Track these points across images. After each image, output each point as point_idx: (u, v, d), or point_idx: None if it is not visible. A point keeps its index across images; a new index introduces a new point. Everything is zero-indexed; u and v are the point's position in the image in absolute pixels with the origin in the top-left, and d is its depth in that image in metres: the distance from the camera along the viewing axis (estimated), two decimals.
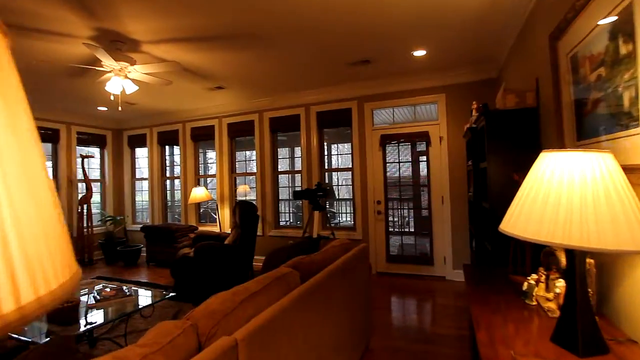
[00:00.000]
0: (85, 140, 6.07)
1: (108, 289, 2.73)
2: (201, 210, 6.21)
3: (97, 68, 3.02)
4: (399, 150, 4.62)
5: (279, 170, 5.42)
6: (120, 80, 3.07)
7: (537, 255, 1.70)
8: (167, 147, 6.37)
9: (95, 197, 6.38)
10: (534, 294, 1.46)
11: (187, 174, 6.00)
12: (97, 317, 2.31)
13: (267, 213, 5.32)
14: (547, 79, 2.07)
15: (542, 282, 1.45)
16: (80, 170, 5.75)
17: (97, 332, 2.92)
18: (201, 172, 6.13)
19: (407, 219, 4.84)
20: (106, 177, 6.48)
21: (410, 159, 4.65)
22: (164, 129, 6.17)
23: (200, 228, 5.90)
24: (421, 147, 4.59)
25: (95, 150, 6.37)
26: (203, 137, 5.83)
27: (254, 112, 5.40)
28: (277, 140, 5.40)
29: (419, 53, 3.49)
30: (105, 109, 5.52)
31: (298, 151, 5.23)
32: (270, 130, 5.29)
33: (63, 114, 5.64)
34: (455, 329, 2.89)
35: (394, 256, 4.64)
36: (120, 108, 3.40)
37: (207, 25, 2.77)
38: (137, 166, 6.70)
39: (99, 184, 6.44)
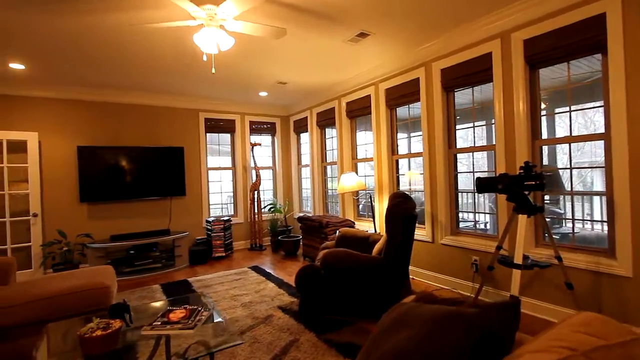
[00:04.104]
0: (258, 128, 6.25)
1: (185, 308, 2.06)
2: (362, 203, 5.20)
3: (187, 23, 2.41)
4: None
5: (457, 147, 3.62)
6: (212, 31, 2.34)
7: None
8: (327, 130, 5.72)
9: (268, 185, 6.56)
10: None
11: (343, 158, 5.11)
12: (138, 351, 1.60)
13: (439, 210, 3.66)
14: None
15: None
16: (252, 158, 5.94)
17: None
18: (359, 156, 5.10)
19: None
20: (276, 164, 6.55)
21: None
22: (321, 108, 5.51)
23: (357, 224, 4.90)
24: None
25: (267, 138, 6.53)
26: (358, 111, 4.75)
27: (417, 66, 3.81)
28: (453, 102, 3.60)
29: None
30: (265, 94, 5.37)
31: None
32: (442, 88, 3.57)
33: (236, 104, 5.94)
34: None
35: None
36: (213, 70, 2.74)
37: None
38: (302, 152, 6.45)
39: (270, 171, 6.59)
